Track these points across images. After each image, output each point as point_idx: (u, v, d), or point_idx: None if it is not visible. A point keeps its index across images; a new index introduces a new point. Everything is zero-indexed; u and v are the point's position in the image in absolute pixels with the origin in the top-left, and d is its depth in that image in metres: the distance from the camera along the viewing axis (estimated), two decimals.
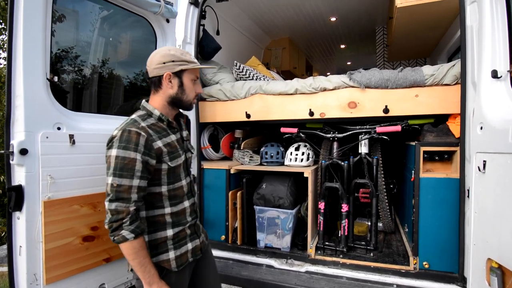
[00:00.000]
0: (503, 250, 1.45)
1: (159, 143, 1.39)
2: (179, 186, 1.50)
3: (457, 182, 2.03)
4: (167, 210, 1.45)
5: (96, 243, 1.86)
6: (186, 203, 1.54)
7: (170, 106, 1.50)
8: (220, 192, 2.80)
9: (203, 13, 2.90)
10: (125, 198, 1.28)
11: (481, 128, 1.68)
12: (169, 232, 1.46)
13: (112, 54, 2.47)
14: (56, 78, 1.70)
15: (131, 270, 1.44)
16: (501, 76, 1.61)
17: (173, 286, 1.43)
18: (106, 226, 1.30)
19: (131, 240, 1.27)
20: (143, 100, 1.51)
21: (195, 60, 1.53)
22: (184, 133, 1.62)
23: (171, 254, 1.45)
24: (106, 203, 1.29)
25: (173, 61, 1.44)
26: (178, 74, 1.46)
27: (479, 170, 1.65)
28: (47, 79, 1.66)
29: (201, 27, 2.93)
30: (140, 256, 1.30)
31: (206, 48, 2.98)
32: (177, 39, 2.63)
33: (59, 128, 1.70)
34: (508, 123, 1.42)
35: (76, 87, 2.26)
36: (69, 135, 1.73)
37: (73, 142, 1.74)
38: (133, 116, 1.45)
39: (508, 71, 1.59)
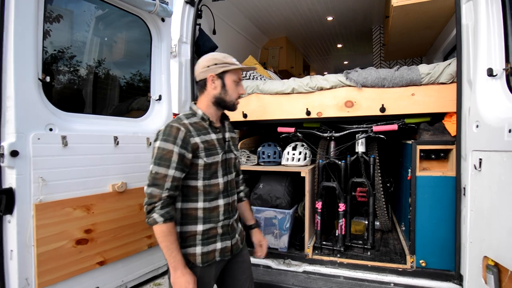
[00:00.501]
0: (499, 248, 1.45)
1: (197, 139, 1.48)
2: (215, 183, 1.55)
3: (454, 180, 2.03)
4: (200, 204, 1.52)
5: (89, 246, 1.83)
6: (221, 201, 1.57)
7: (215, 106, 1.59)
8: None
9: (199, 12, 2.88)
10: (160, 184, 1.39)
11: (477, 126, 1.68)
12: (199, 227, 1.51)
13: (107, 54, 2.45)
14: (48, 78, 1.67)
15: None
16: (496, 74, 1.62)
17: (197, 281, 1.47)
18: (144, 209, 1.43)
19: (160, 224, 1.37)
20: (192, 102, 1.65)
21: (237, 63, 1.60)
22: (227, 135, 1.67)
23: (198, 250, 1.51)
24: (145, 187, 1.43)
25: (215, 64, 1.54)
26: (221, 76, 1.55)
27: (475, 168, 1.65)
28: (39, 79, 1.64)
29: (197, 26, 2.92)
30: (167, 241, 1.38)
31: (202, 47, 2.96)
32: (173, 38, 2.61)
33: (51, 129, 1.67)
34: (504, 121, 1.42)
35: (69, 88, 2.24)
36: (62, 136, 1.70)
37: (66, 144, 1.71)
38: (180, 114, 1.58)
39: (503, 69, 1.59)
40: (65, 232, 1.73)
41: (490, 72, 1.63)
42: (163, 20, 2.36)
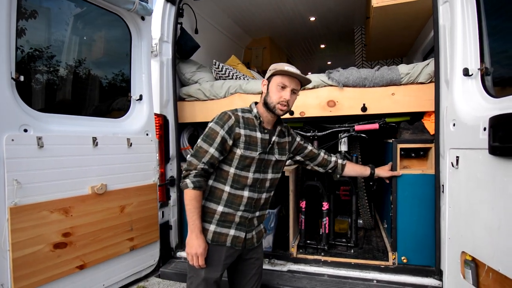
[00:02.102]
0: (476, 243, 1.49)
1: (241, 131, 1.65)
2: (245, 176, 1.69)
3: (433, 178, 2.08)
4: (227, 188, 1.68)
5: (68, 250, 1.78)
6: (246, 193, 1.70)
7: (264, 108, 1.71)
8: None
9: (180, 11, 2.85)
10: (199, 156, 1.61)
11: (454, 124, 1.72)
12: (220, 208, 1.68)
13: (85, 53, 2.39)
14: (22, 78, 1.61)
15: None
16: (472, 74, 1.66)
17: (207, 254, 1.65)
18: (182, 173, 1.66)
19: (189, 189, 1.57)
20: (253, 102, 1.81)
21: (289, 69, 1.64)
22: (275, 138, 1.77)
23: (212, 227, 1.68)
24: (188, 156, 1.67)
25: (269, 70, 1.70)
26: (269, 80, 1.71)
27: (453, 165, 1.69)
28: (12, 78, 1.57)
29: (179, 25, 2.88)
30: (191, 205, 1.58)
31: (184, 46, 2.93)
32: (154, 37, 2.57)
33: (25, 130, 1.61)
34: (479, 120, 1.45)
35: (46, 88, 2.16)
36: (37, 137, 1.63)
37: (41, 145, 1.65)
38: (239, 107, 1.76)
39: (478, 69, 1.63)
40: (42, 236, 1.67)
41: (466, 72, 1.67)
42: (143, 18, 2.32)
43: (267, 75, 1.71)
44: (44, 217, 1.67)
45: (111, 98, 2.50)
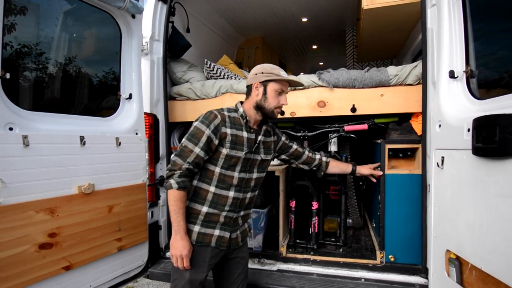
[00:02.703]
0: (460, 241, 1.52)
1: (227, 130, 1.64)
2: (230, 175, 1.68)
3: (420, 178, 2.11)
4: (212, 188, 1.67)
5: (54, 250, 1.75)
6: (231, 193, 1.70)
7: (256, 110, 1.73)
8: None
9: (172, 9, 2.84)
10: (184, 156, 1.59)
11: (440, 126, 1.76)
12: (204, 209, 1.67)
13: (75, 50, 2.36)
14: (8, 75, 1.58)
15: None
16: (457, 76, 1.69)
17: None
18: (165, 173, 1.65)
19: (174, 190, 1.55)
20: (239, 101, 1.79)
21: (284, 75, 1.72)
22: (261, 138, 1.78)
23: (196, 228, 1.67)
24: (172, 155, 1.63)
25: (262, 73, 1.70)
26: (264, 84, 1.70)
27: (438, 166, 1.73)
28: None
29: (170, 24, 2.87)
30: (176, 206, 1.56)
31: (175, 45, 2.92)
32: (145, 35, 2.56)
33: (11, 129, 1.58)
34: (463, 121, 1.48)
35: (34, 85, 2.13)
36: (23, 136, 1.60)
37: (27, 144, 1.63)
38: (225, 107, 1.76)
39: (464, 71, 1.66)
40: (27, 236, 1.64)
41: (451, 74, 1.70)
42: (133, 16, 2.30)
43: (262, 78, 1.69)
44: (29, 217, 1.64)
45: (100, 97, 2.48)
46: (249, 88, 1.74)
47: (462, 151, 1.47)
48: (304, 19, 4.59)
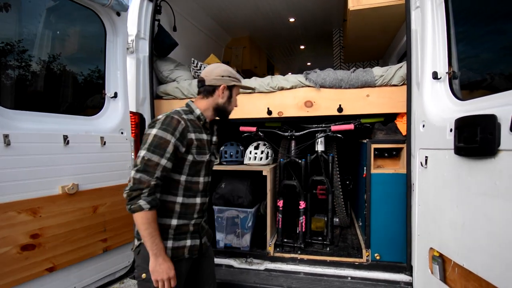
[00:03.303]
0: (443, 239, 1.55)
1: (192, 135, 1.55)
2: (196, 181, 1.62)
3: (404, 177, 2.15)
4: (179, 199, 1.57)
5: (37, 251, 1.71)
6: (198, 200, 1.64)
7: (213, 112, 1.68)
8: None
9: (158, 7, 2.80)
10: (150, 172, 1.42)
11: (423, 126, 1.79)
12: (174, 222, 1.56)
13: (58, 48, 2.30)
14: None
15: (135, 249, 1.57)
16: (440, 77, 1.73)
17: None
18: (125, 195, 1.41)
19: (146, 211, 1.39)
20: (189, 100, 1.70)
21: (241, 79, 1.73)
22: (214, 138, 1.74)
23: (169, 244, 1.54)
24: (132, 172, 1.43)
25: (229, 77, 1.67)
26: (230, 88, 1.68)
27: (422, 165, 1.76)
28: None
29: (156, 22, 2.84)
30: (151, 228, 1.41)
31: (161, 44, 2.89)
32: (130, 33, 2.52)
33: None
34: (446, 121, 1.52)
35: (15, 84, 2.07)
36: (4, 135, 1.56)
37: (8, 143, 1.58)
38: (178, 108, 1.63)
39: (446, 72, 1.70)
40: (9, 237, 1.60)
41: (435, 75, 1.74)
42: (118, 14, 2.26)
43: (230, 83, 1.66)
44: (11, 218, 1.60)
45: (85, 95, 2.43)
46: (211, 88, 1.65)
47: (445, 151, 1.50)
48: (292, 19, 4.61)
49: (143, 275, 1.50)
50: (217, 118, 1.74)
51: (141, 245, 1.52)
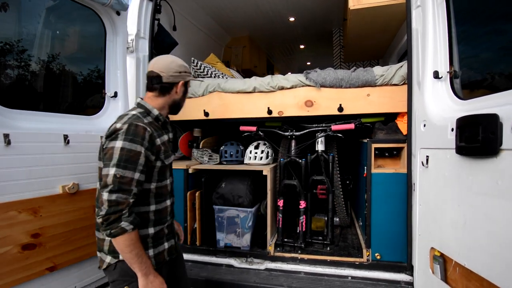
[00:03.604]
0: (444, 239, 1.55)
1: (158, 141, 1.46)
2: (165, 185, 1.55)
3: (405, 177, 2.14)
4: (152, 207, 1.48)
5: (37, 251, 1.71)
6: (168, 202, 1.58)
7: (168, 109, 1.60)
8: (178, 193, 2.72)
9: (158, 7, 2.80)
10: (127, 189, 1.28)
11: (424, 125, 1.79)
12: (151, 230, 1.47)
13: (58, 48, 2.30)
14: None
15: (105, 269, 1.44)
16: (441, 77, 1.72)
17: None
18: (100, 219, 1.26)
19: (130, 232, 1.27)
20: (139, 99, 1.56)
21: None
22: (171, 135, 1.67)
23: (150, 252, 1.47)
24: (106, 194, 1.26)
25: (185, 72, 1.60)
26: (186, 84, 1.62)
27: (423, 165, 1.76)
28: None
29: (156, 22, 2.83)
30: (137, 248, 1.31)
31: (161, 43, 2.88)
32: (130, 33, 2.51)
33: None
34: (447, 121, 1.51)
35: (16, 83, 2.07)
36: (4, 134, 1.56)
37: (9, 142, 1.58)
38: (133, 112, 1.47)
39: (447, 72, 1.70)
40: (9, 237, 1.61)
41: (436, 75, 1.73)
42: (118, 13, 2.26)
43: (186, 78, 1.61)
44: (11, 218, 1.61)
45: (85, 95, 2.43)
46: (169, 85, 1.55)
47: (446, 150, 1.50)
48: (291, 19, 4.61)
49: (126, 287, 1.41)
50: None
51: (118, 262, 1.41)
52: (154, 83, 1.53)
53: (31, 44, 2.13)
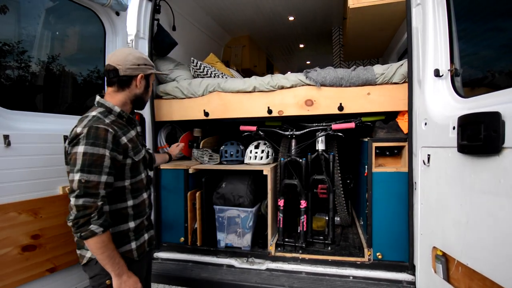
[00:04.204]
0: (446, 238, 1.54)
1: (124, 139, 1.45)
2: (140, 179, 1.57)
3: (406, 176, 2.14)
4: (130, 203, 1.52)
5: (38, 252, 1.71)
6: (145, 195, 1.62)
7: (131, 104, 1.58)
8: (179, 193, 2.72)
9: (157, 7, 2.79)
10: (93, 193, 1.30)
11: (425, 124, 1.78)
12: (131, 224, 1.52)
13: (58, 48, 2.29)
14: None
15: (85, 264, 1.47)
16: (442, 75, 1.72)
17: (136, 274, 1.47)
18: (70, 223, 1.29)
19: (100, 234, 1.29)
20: (98, 97, 1.52)
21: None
22: (139, 129, 1.67)
23: (133, 245, 1.53)
24: (72, 199, 1.28)
25: (145, 65, 1.55)
26: (147, 77, 1.59)
27: (424, 163, 1.75)
28: None
29: (156, 22, 2.82)
30: (109, 249, 1.33)
31: (161, 43, 2.87)
32: (129, 33, 2.50)
33: None
34: (449, 119, 1.51)
35: (15, 84, 2.06)
36: (4, 135, 1.56)
37: (9, 143, 1.58)
38: (94, 113, 1.43)
39: (448, 70, 1.69)
40: (9, 238, 1.61)
41: (436, 73, 1.72)
42: (117, 14, 2.26)
43: (147, 71, 1.57)
44: (11, 219, 1.60)
45: (85, 96, 2.42)
46: (128, 79, 1.52)
47: (448, 149, 1.49)
48: (291, 18, 4.60)
49: (108, 281, 1.43)
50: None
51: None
52: (111, 76, 1.50)
53: (30, 45, 2.12)
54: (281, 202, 2.59)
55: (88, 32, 2.38)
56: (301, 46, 6.27)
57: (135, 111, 1.72)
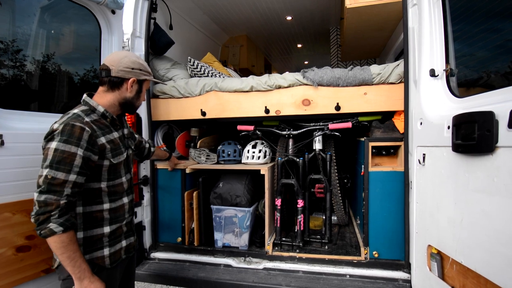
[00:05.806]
0: (441, 237, 1.55)
1: (102, 140, 1.42)
2: (119, 183, 1.53)
3: (402, 175, 2.15)
4: (106, 206, 1.47)
5: (32, 253, 1.70)
6: (125, 200, 1.57)
7: (120, 106, 1.56)
8: (175, 193, 2.72)
9: (154, 5, 2.78)
10: (57, 191, 1.26)
11: (421, 123, 1.79)
12: (106, 229, 1.47)
13: (53, 47, 2.28)
14: None
15: (57, 267, 1.44)
16: (438, 75, 1.73)
17: (105, 282, 1.41)
18: (32, 220, 1.26)
19: (59, 234, 1.24)
20: (85, 95, 1.52)
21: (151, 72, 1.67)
22: (126, 131, 1.65)
23: (106, 251, 1.47)
24: (36, 194, 1.26)
25: (140, 70, 1.55)
26: (140, 82, 1.58)
27: (420, 162, 1.76)
28: None
29: (152, 21, 2.82)
30: (69, 251, 1.27)
31: (157, 42, 2.87)
32: (126, 32, 2.50)
33: None
34: (444, 119, 1.52)
35: (9, 83, 2.05)
36: None
37: (2, 143, 1.57)
38: (75, 110, 1.44)
39: (443, 70, 1.70)
40: (4, 239, 1.59)
41: (432, 73, 1.74)
42: (113, 12, 2.25)
43: (141, 76, 1.56)
44: (5, 219, 1.59)
45: (80, 95, 2.39)
46: (119, 80, 1.51)
47: (443, 148, 1.50)
48: (289, 18, 4.60)
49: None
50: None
51: None
52: (103, 75, 1.50)
53: (25, 43, 2.11)
54: (278, 202, 2.60)
55: (83, 31, 2.37)
56: (299, 46, 6.28)
57: None
